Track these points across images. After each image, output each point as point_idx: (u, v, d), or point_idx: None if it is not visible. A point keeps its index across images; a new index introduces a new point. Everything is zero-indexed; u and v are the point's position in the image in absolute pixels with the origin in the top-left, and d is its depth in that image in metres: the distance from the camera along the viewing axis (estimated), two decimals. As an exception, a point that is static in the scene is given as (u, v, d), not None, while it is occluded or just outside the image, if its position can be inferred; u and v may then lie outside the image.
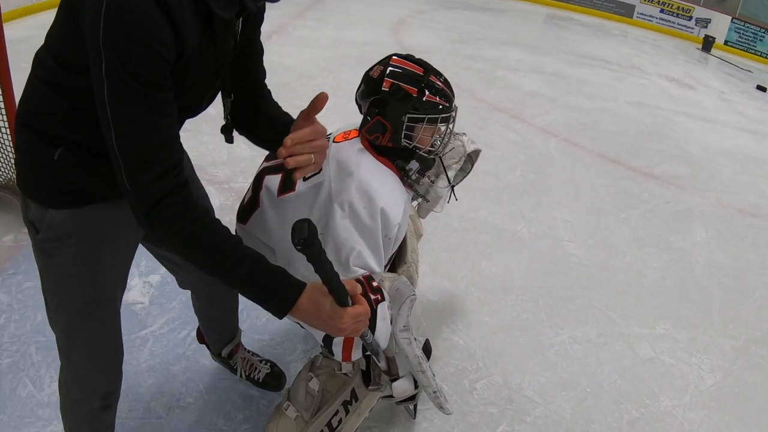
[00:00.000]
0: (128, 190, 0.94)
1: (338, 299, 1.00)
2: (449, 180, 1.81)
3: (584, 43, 9.18)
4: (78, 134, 1.03)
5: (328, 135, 1.55)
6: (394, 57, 1.48)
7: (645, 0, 12.08)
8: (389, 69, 1.44)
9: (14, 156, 2.45)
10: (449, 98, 1.48)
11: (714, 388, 2.36)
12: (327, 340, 1.35)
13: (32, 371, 1.88)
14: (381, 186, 1.41)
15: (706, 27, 11.67)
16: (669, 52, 10.05)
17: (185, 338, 2.10)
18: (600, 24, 11.54)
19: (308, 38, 6.24)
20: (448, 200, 1.89)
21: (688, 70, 8.86)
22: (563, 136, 4.85)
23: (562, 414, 2.09)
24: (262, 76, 1.29)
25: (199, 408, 1.86)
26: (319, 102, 1.10)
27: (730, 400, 2.31)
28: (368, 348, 1.35)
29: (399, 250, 1.75)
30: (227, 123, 1.21)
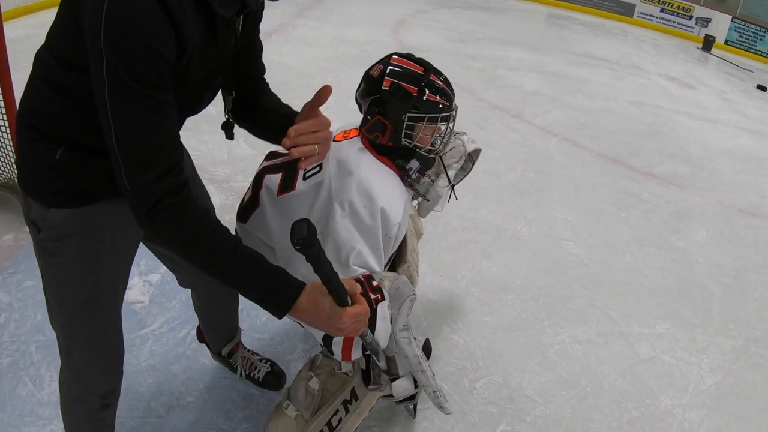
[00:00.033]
0: (128, 190, 0.94)
1: (337, 299, 1.00)
2: (449, 179, 1.81)
3: (584, 43, 9.18)
4: (79, 133, 1.03)
5: (329, 134, 1.56)
6: (395, 56, 1.47)
7: (645, -1, 12.09)
8: (389, 68, 1.43)
9: (14, 155, 2.46)
10: (449, 97, 1.47)
11: (714, 388, 2.36)
12: (327, 340, 1.35)
13: (32, 370, 1.88)
14: (381, 185, 1.41)
15: (707, 26, 11.66)
16: (669, 52, 10.05)
17: (185, 337, 2.10)
18: (600, 23, 11.53)
19: (308, 37, 6.23)
20: (448, 199, 1.89)
21: (689, 70, 8.85)
22: (563, 136, 4.85)
23: (562, 413, 2.09)
24: (262, 72, 1.30)
25: (199, 407, 1.86)
26: (323, 94, 1.13)
27: (730, 400, 2.31)
28: (368, 347, 1.35)
29: (399, 250, 1.75)
30: (228, 119, 1.22)
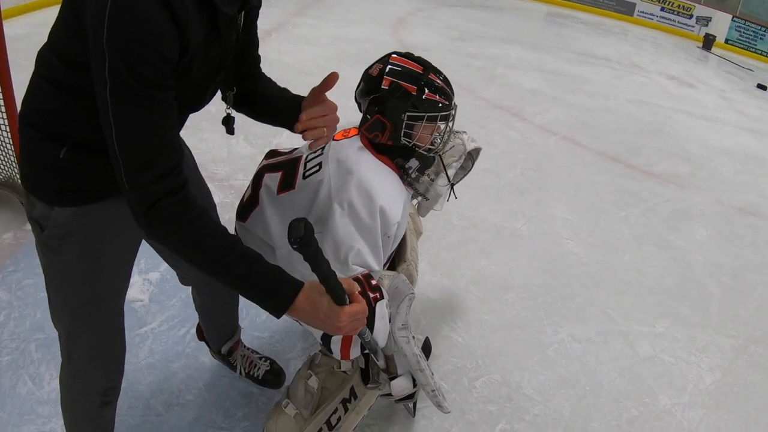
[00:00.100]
0: (127, 190, 0.94)
1: (335, 298, 1.00)
2: (449, 178, 1.81)
3: (584, 41, 9.18)
4: (82, 132, 1.03)
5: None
6: (394, 55, 1.47)
7: (645, -2, 12.08)
8: (389, 67, 1.43)
9: (14, 154, 2.45)
10: (449, 96, 1.47)
11: (713, 387, 2.36)
12: (325, 339, 1.35)
13: (32, 368, 1.88)
14: (380, 184, 1.41)
15: (707, 25, 11.65)
16: (669, 51, 10.04)
17: (185, 336, 2.10)
18: (600, 22, 11.53)
19: (308, 36, 6.23)
20: (448, 198, 1.89)
21: (689, 69, 8.85)
22: (563, 134, 4.85)
23: (562, 412, 2.09)
24: (258, 62, 1.32)
25: (199, 405, 1.87)
26: (331, 80, 1.19)
27: (729, 399, 2.31)
28: (367, 346, 1.35)
29: (398, 249, 1.75)
30: (228, 115, 1.22)
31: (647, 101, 6.40)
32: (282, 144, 3.59)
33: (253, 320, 2.21)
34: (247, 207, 1.52)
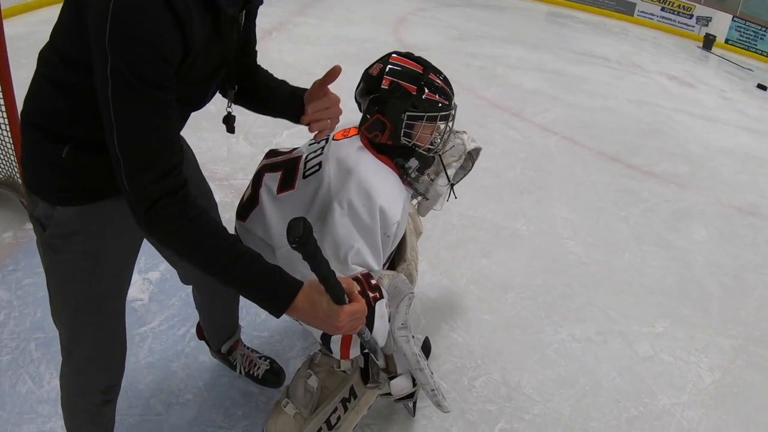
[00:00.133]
0: (127, 190, 0.94)
1: (334, 297, 1.01)
2: (449, 178, 1.81)
3: (585, 41, 9.17)
4: (84, 132, 1.04)
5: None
6: (394, 55, 1.47)
7: (645, -2, 12.08)
8: (389, 67, 1.43)
9: (13, 152, 2.45)
10: (449, 96, 1.47)
11: (713, 387, 2.36)
12: (325, 338, 1.35)
13: (32, 368, 1.89)
14: (380, 184, 1.41)
15: (707, 25, 11.64)
16: (669, 51, 10.04)
17: (184, 335, 2.10)
18: (601, 22, 11.52)
19: (309, 35, 6.23)
20: (448, 198, 1.89)
21: (689, 69, 8.85)
22: (563, 134, 4.85)
23: (561, 412, 2.09)
24: (256, 56, 1.34)
25: (198, 404, 1.87)
26: (333, 74, 1.22)
27: (729, 399, 2.32)
28: (366, 346, 1.35)
29: (398, 248, 1.75)
30: (229, 113, 1.23)
31: (647, 101, 6.39)
32: (282, 143, 3.59)
33: (253, 319, 2.21)
34: (247, 206, 1.52)
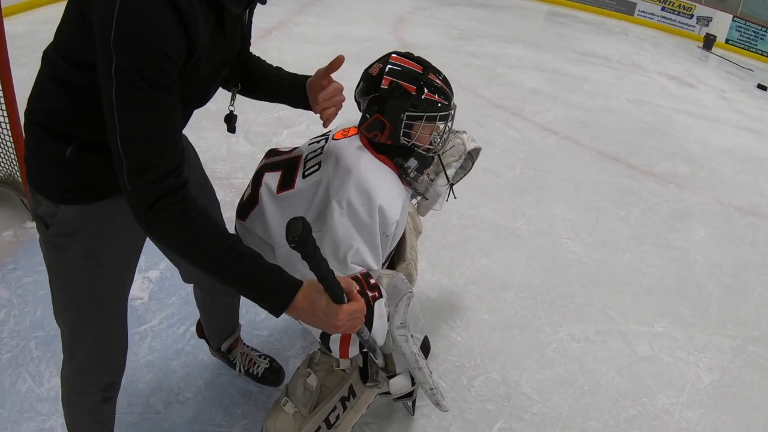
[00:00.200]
0: (128, 190, 0.95)
1: (333, 296, 1.01)
2: (448, 178, 1.81)
3: (585, 41, 9.17)
4: (88, 131, 1.04)
5: (328, 132, 1.57)
6: (394, 55, 1.48)
7: (646, -3, 12.07)
8: (388, 67, 1.43)
9: (14, 151, 2.45)
10: (448, 96, 1.47)
11: (711, 387, 2.36)
12: (324, 337, 1.36)
13: (32, 366, 1.89)
14: (379, 184, 1.41)
15: (707, 25, 11.64)
16: (670, 50, 10.04)
17: (184, 334, 2.11)
18: (601, 21, 11.52)
19: (309, 34, 6.23)
20: (447, 198, 1.89)
21: (689, 69, 8.85)
22: (563, 134, 4.85)
23: (560, 411, 2.10)
24: (250, 45, 1.34)
25: (198, 403, 1.87)
26: (337, 63, 1.27)
27: (728, 399, 2.32)
28: (365, 345, 1.35)
29: (398, 248, 1.75)
30: (231, 113, 1.23)
31: (647, 101, 6.39)
32: (282, 143, 3.60)
33: (253, 318, 2.22)
34: (247, 206, 1.52)
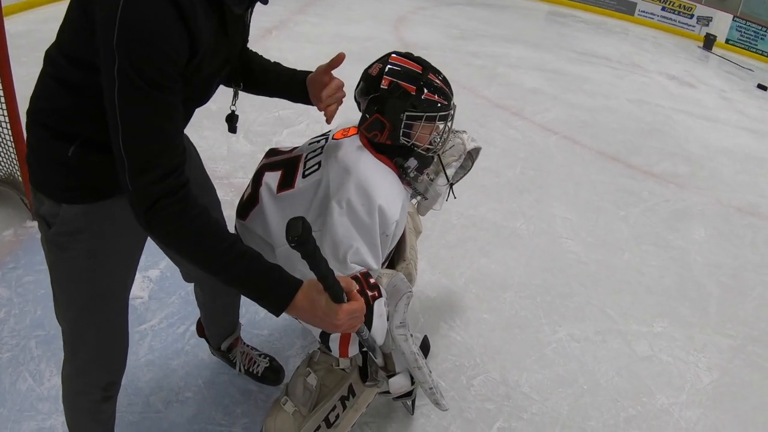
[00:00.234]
0: (129, 189, 0.95)
1: (333, 296, 1.01)
2: (448, 178, 1.81)
3: (585, 41, 9.17)
4: (90, 130, 1.04)
5: (328, 131, 1.57)
6: (393, 55, 1.48)
7: (646, -3, 12.07)
8: (388, 67, 1.44)
9: (14, 150, 2.46)
10: (448, 96, 1.48)
11: (711, 387, 2.37)
12: (324, 336, 1.36)
13: (32, 365, 1.89)
14: (379, 183, 1.41)
15: (708, 25, 11.64)
16: (670, 50, 10.03)
17: (184, 333, 2.11)
18: (601, 21, 11.52)
19: (309, 34, 6.23)
20: (447, 198, 1.90)
21: (689, 68, 8.84)
22: (563, 134, 4.85)
23: (559, 411, 2.10)
24: (246, 43, 1.36)
25: (198, 402, 1.87)
26: (337, 60, 1.30)
27: (727, 399, 2.32)
28: (365, 344, 1.35)
29: (398, 247, 1.76)
30: (233, 112, 1.24)
31: (647, 101, 6.39)
32: (282, 142, 3.60)
33: (253, 318, 2.22)
34: (247, 205, 1.53)
